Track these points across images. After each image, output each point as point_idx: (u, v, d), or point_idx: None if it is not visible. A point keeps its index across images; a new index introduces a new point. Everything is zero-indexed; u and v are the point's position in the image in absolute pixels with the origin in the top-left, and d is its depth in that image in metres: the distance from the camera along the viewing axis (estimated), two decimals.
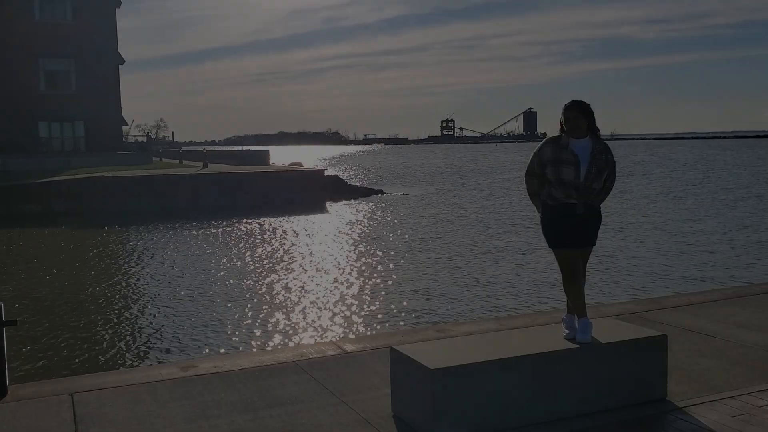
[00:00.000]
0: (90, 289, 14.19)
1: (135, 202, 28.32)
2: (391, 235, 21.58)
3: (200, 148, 55.96)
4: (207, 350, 9.84)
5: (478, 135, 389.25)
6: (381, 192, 39.44)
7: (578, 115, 4.72)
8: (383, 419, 4.53)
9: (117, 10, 44.74)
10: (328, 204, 32.10)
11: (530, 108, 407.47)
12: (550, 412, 4.46)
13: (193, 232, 23.02)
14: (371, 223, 25.01)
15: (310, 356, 5.86)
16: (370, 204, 32.72)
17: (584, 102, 4.77)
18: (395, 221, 25.48)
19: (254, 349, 9.63)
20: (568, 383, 4.54)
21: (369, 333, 10.46)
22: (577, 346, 4.64)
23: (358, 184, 43.52)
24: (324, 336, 10.47)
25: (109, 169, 32.93)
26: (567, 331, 4.83)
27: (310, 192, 32.20)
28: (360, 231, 22.58)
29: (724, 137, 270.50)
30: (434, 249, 18.57)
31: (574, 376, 4.56)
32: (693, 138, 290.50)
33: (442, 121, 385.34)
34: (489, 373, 4.32)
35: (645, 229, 21.90)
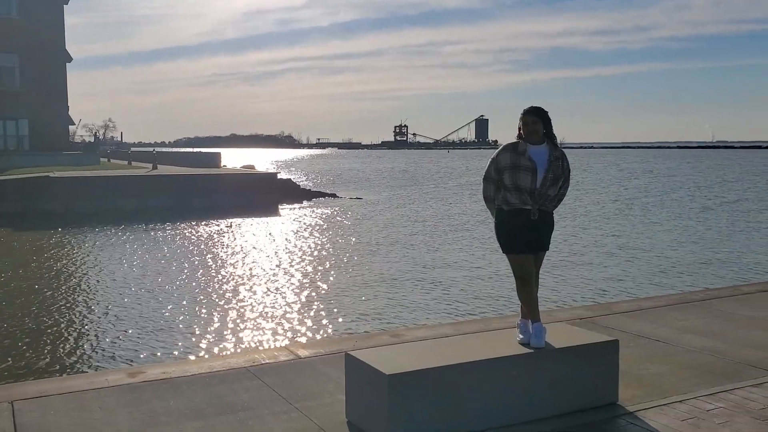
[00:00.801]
0: (32, 293, 13.74)
1: (81, 204, 27.56)
2: (344, 238, 21.51)
3: (150, 149, 54.97)
4: (155, 356, 9.61)
5: (430, 141, 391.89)
6: (334, 196, 39.33)
7: (537, 119, 4.77)
8: (337, 426, 4.47)
9: (65, 6, 43.67)
10: (280, 207, 31.85)
11: (482, 115, 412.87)
12: (504, 417, 4.47)
13: (142, 235, 22.54)
14: (324, 226, 24.89)
15: (263, 362, 5.75)
16: (323, 208, 32.58)
17: (542, 108, 4.83)
18: (348, 225, 25.41)
19: (204, 355, 9.45)
20: (522, 388, 4.55)
21: (323, 338, 10.38)
22: (531, 350, 4.67)
23: (311, 187, 43.30)
24: (277, 341, 10.34)
25: (55, 169, 32.04)
26: (521, 336, 4.85)
27: (263, 195, 31.88)
28: (313, 235, 22.45)
29: (668, 147, 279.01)
30: (388, 253, 18.56)
31: (528, 380, 4.58)
32: (639, 147, 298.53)
33: (395, 127, 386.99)
34: (444, 378, 4.31)
35: (595, 235, 22.31)
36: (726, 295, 8.26)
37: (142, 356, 9.62)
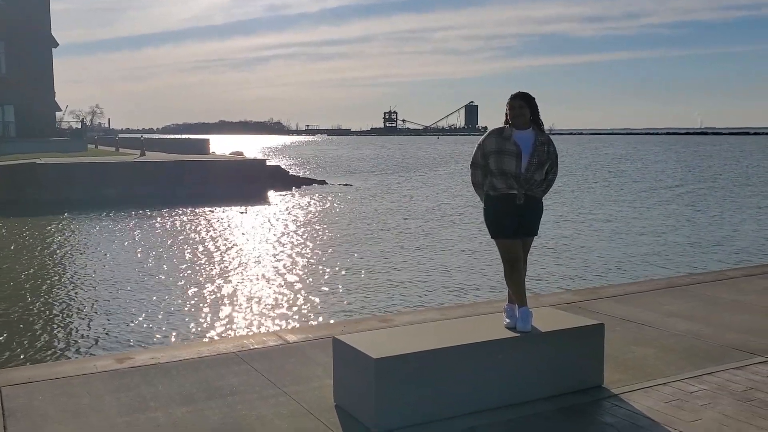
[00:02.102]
0: (20, 280, 13.68)
1: (69, 191, 27.38)
2: (332, 225, 21.51)
3: (137, 135, 54.62)
4: (144, 342, 9.61)
5: (420, 127, 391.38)
6: (323, 182, 39.27)
7: (523, 104, 4.78)
8: (325, 410, 4.50)
9: None
10: (269, 194, 31.78)
11: (472, 101, 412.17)
12: (491, 400, 4.51)
13: (130, 222, 22.46)
14: (313, 213, 24.88)
15: (251, 347, 5.77)
16: (313, 194, 32.54)
17: (529, 94, 4.85)
18: (337, 212, 25.41)
19: (193, 340, 9.46)
20: (509, 371, 4.59)
21: (311, 323, 10.41)
22: (518, 334, 4.70)
23: (300, 174, 43.20)
24: (265, 326, 10.37)
25: (42, 156, 31.79)
26: (508, 321, 4.88)
27: (251, 182, 31.78)
28: (302, 221, 22.44)
29: (657, 134, 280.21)
30: (377, 239, 18.59)
31: (515, 364, 4.61)
32: (628, 134, 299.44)
33: (384, 113, 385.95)
34: (431, 362, 4.34)
35: (582, 220, 22.42)
36: (711, 280, 8.33)
37: (130, 342, 9.62)
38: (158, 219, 22.96)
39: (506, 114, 4.84)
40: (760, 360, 5.40)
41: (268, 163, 36.62)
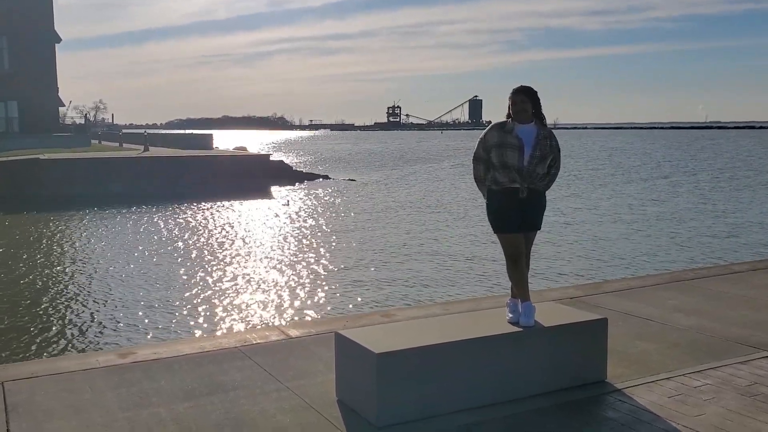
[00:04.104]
0: (23, 276, 13.71)
1: (72, 187, 27.37)
2: (336, 220, 21.50)
3: (141, 131, 54.57)
4: (146, 337, 9.62)
5: (424, 122, 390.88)
6: (327, 177, 39.25)
7: (525, 99, 4.76)
8: (328, 405, 4.49)
9: None
10: (272, 189, 31.77)
11: (476, 96, 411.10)
12: (493, 395, 4.49)
13: (133, 217, 22.47)
14: (316, 208, 24.87)
15: (254, 342, 5.76)
16: (316, 189, 32.53)
17: (531, 88, 4.82)
18: (341, 207, 25.40)
19: (195, 335, 9.46)
20: (512, 367, 4.57)
21: (314, 318, 10.40)
22: (521, 329, 4.68)
23: (303, 169, 43.17)
24: (268, 321, 10.36)
25: (45, 152, 31.82)
26: (511, 315, 4.86)
27: (255, 177, 31.76)
28: (305, 216, 22.43)
29: (661, 128, 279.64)
30: (380, 235, 18.57)
31: (517, 359, 4.60)
32: (632, 128, 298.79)
33: (388, 108, 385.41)
34: (433, 357, 4.32)
35: (586, 215, 22.36)
36: (716, 274, 8.30)
37: (132, 338, 9.63)
38: (161, 214, 22.97)
39: (508, 108, 4.82)
40: (764, 355, 5.37)
41: (271, 157, 36.61)
